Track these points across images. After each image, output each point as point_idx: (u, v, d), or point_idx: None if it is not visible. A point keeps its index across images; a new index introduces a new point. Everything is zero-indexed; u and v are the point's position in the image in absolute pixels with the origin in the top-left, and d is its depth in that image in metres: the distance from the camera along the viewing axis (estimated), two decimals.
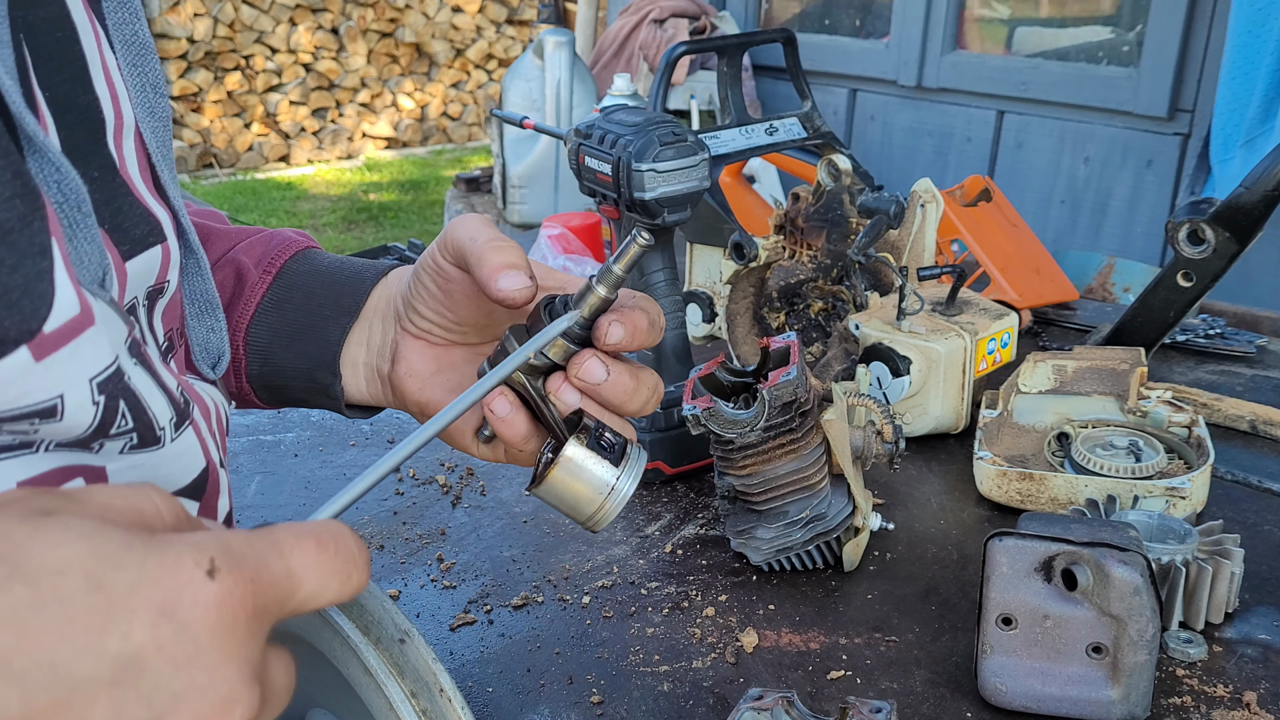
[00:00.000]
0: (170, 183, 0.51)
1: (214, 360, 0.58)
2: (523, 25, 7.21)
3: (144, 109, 0.49)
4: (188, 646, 0.33)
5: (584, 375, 0.55)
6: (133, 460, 0.46)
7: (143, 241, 0.47)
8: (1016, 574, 0.71)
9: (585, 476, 0.55)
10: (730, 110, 1.35)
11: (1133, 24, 2.62)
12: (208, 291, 0.56)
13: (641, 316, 0.55)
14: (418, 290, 0.62)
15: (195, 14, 6.00)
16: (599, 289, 0.54)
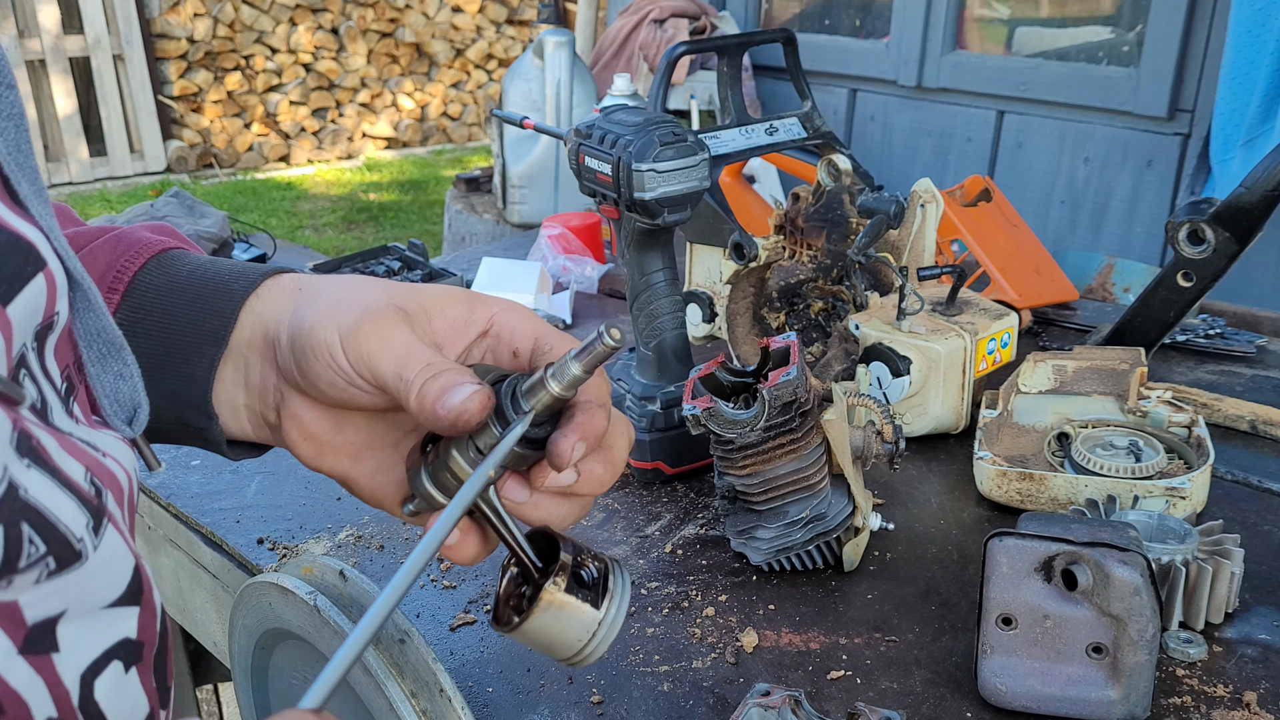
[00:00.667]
0: (33, 196, 0.40)
1: (129, 414, 0.47)
2: (523, 25, 7.21)
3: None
4: None
5: (553, 482, 0.49)
6: (52, 587, 0.36)
7: (19, 275, 0.37)
8: (1016, 574, 0.71)
9: (567, 620, 0.49)
10: (730, 110, 1.35)
11: (1133, 24, 2.62)
12: (106, 330, 0.45)
13: (599, 419, 0.48)
14: (310, 368, 0.51)
15: (195, 14, 6.00)
16: (552, 386, 0.47)
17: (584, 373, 0.47)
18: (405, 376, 0.48)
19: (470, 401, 0.46)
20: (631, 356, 1.08)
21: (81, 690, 0.38)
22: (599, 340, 0.46)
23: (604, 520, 0.98)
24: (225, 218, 2.10)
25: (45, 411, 0.39)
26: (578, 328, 1.48)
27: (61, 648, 0.37)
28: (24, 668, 0.35)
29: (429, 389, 0.47)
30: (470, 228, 2.87)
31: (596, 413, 0.48)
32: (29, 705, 0.35)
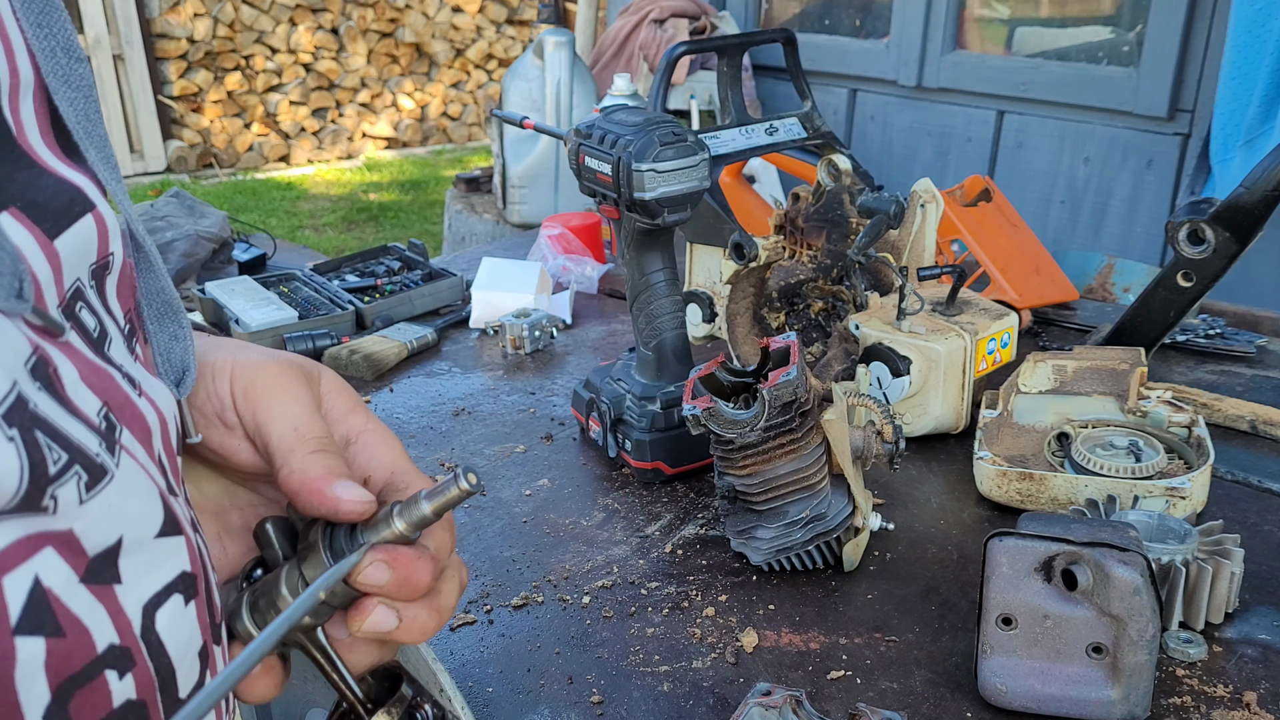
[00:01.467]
0: (100, 161, 0.42)
1: (179, 375, 0.47)
2: (523, 25, 7.21)
3: (57, 77, 0.41)
4: None
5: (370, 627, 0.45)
6: (98, 509, 0.36)
7: (68, 213, 0.39)
8: (1016, 574, 0.71)
9: None
10: (730, 110, 1.35)
11: (1133, 24, 2.62)
12: (165, 290, 0.46)
13: (425, 567, 0.45)
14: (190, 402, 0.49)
15: (195, 14, 6.00)
16: (397, 524, 0.44)
17: (433, 515, 0.44)
18: (301, 439, 0.46)
19: (363, 505, 0.44)
20: (631, 356, 1.08)
21: (144, 620, 0.39)
22: (454, 483, 0.43)
23: (604, 520, 0.98)
24: (225, 218, 2.10)
25: (103, 343, 0.40)
26: (578, 328, 1.48)
27: (124, 579, 0.38)
28: (86, 595, 0.36)
29: (318, 463, 0.45)
30: (470, 228, 2.87)
31: (425, 561, 0.45)
32: (90, 631, 0.36)
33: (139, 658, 0.38)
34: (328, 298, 1.49)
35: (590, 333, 1.46)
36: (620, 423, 1.04)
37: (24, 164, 0.38)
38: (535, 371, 1.32)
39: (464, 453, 1.11)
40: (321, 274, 1.58)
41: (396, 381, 1.29)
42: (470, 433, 1.15)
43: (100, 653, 0.36)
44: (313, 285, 1.54)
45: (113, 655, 0.37)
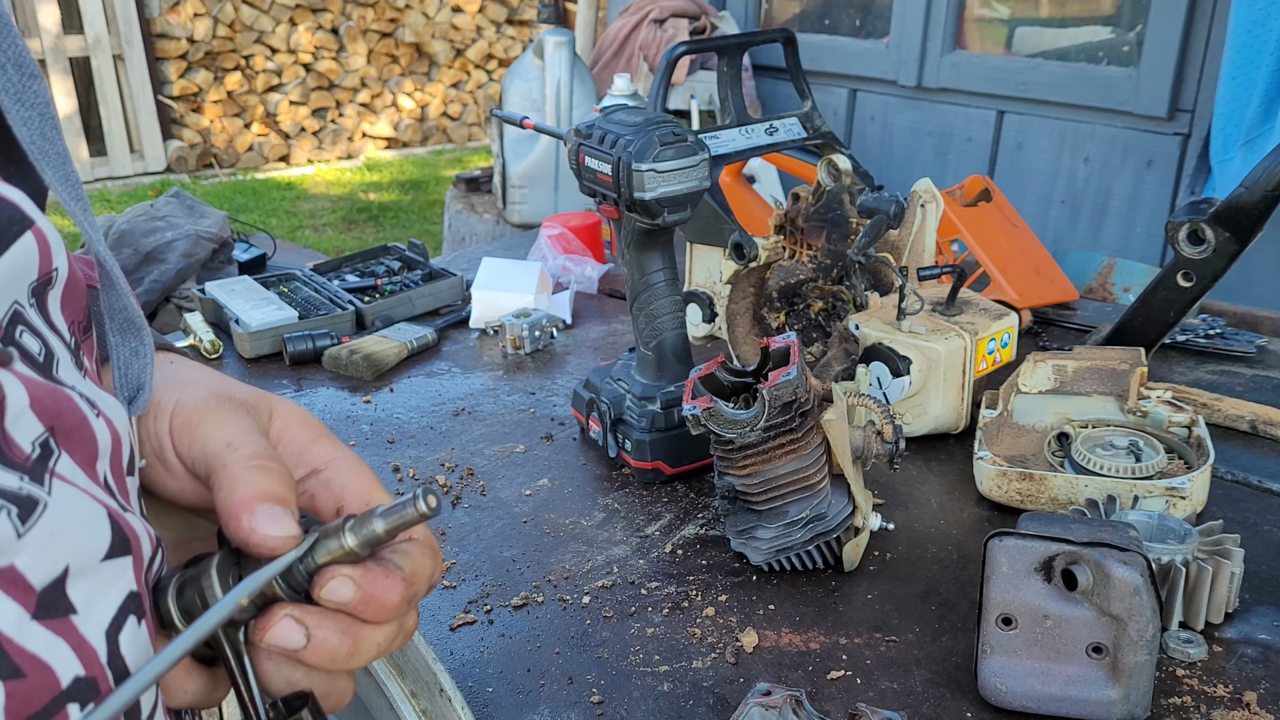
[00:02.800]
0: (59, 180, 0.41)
1: (133, 392, 0.46)
2: (523, 25, 7.21)
3: (10, 95, 0.39)
4: None
5: (272, 640, 0.42)
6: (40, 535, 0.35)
7: (5, 234, 0.37)
8: (1016, 574, 0.71)
9: None
10: (730, 110, 1.35)
11: (1133, 24, 2.62)
12: (128, 308, 0.45)
13: (394, 587, 0.42)
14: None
15: (195, 14, 6.00)
16: (347, 539, 0.41)
17: (386, 534, 0.41)
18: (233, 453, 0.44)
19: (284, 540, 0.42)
20: (631, 356, 1.08)
21: (109, 647, 0.38)
22: (412, 503, 0.41)
23: (604, 520, 0.98)
24: (225, 218, 2.10)
25: (51, 365, 0.39)
26: (577, 328, 1.48)
27: (79, 608, 0.36)
28: (41, 632, 0.35)
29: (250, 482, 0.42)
30: (470, 228, 2.87)
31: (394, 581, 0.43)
32: (53, 667, 0.35)
33: (104, 686, 0.37)
34: (328, 298, 1.49)
35: (590, 333, 1.46)
36: (620, 423, 1.04)
37: None
38: (535, 371, 1.32)
39: (464, 453, 1.11)
40: (321, 274, 1.58)
41: (396, 381, 1.29)
42: (470, 433, 1.15)
43: (65, 687, 0.35)
44: (313, 285, 1.54)
45: (78, 688, 0.35)
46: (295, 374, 1.30)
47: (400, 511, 0.41)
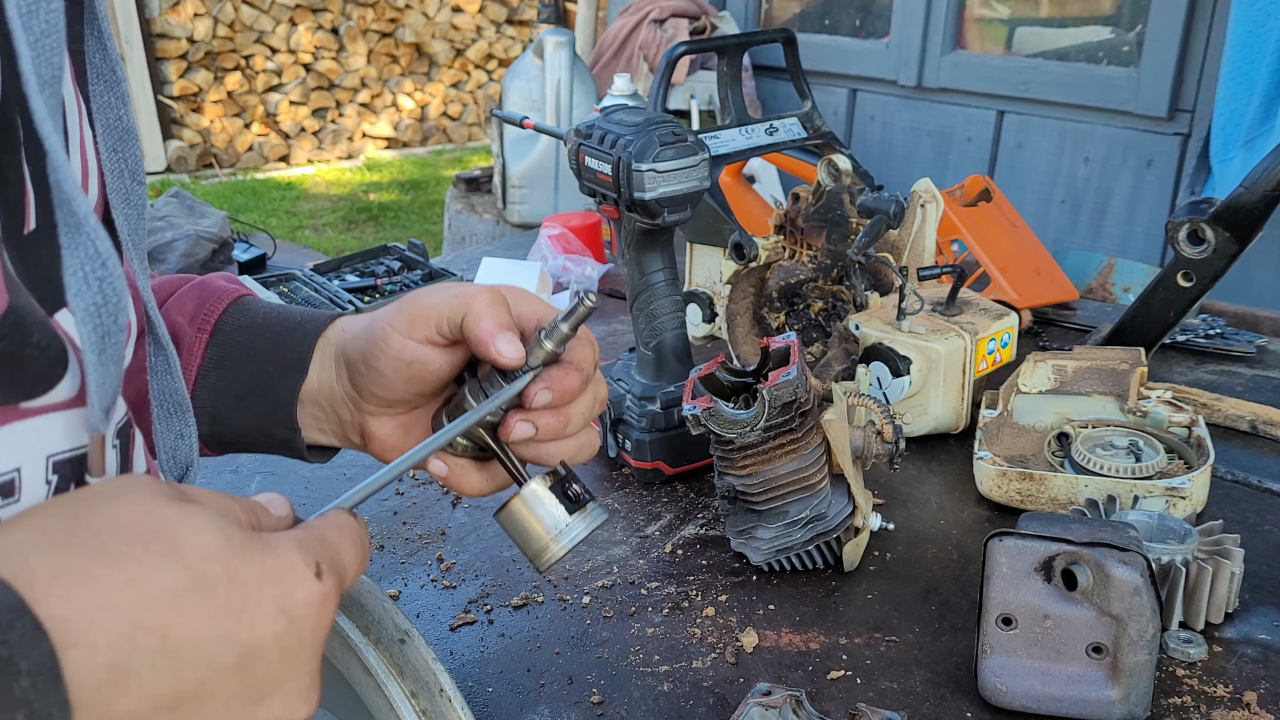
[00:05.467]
0: (140, 272, 0.49)
1: (182, 470, 0.56)
2: (523, 25, 7.21)
3: (119, 195, 0.48)
4: (295, 639, 0.37)
5: (515, 435, 0.58)
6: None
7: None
8: (1016, 574, 0.71)
9: (540, 513, 0.58)
10: (730, 110, 1.35)
11: (1133, 24, 2.62)
12: (177, 392, 0.54)
13: (573, 377, 0.58)
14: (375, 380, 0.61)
15: (195, 14, 6.00)
16: (546, 344, 0.58)
17: (570, 330, 0.57)
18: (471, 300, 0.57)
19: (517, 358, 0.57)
20: (631, 356, 1.08)
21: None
22: (581, 303, 0.57)
23: (604, 520, 0.98)
24: (225, 218, 2.10)
25: None
26: None
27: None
28: None
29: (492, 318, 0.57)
30: (470, 228, 2.87)
31: (571, 372, 0.58)
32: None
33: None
34: (328, 298, 1.49)
35: (590, 333, 1.46)
36: (620, 423, 1.04)
37: None
38: None
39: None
40: (322, 274, 1.58)
41: None
42: None
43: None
44: (313, 285, 1.54)
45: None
46: None
47: (573, 312, 0.57)
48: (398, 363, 0.60)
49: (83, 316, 0.40)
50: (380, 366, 0.60)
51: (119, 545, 0.34)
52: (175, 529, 0.35)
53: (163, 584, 0.34)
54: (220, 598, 0.35)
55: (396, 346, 0.59)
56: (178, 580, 0.34)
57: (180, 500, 0.37)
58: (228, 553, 0.36)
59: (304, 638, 0.38)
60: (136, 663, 0.33)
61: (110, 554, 0.34)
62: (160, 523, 0.35)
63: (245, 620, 0.36)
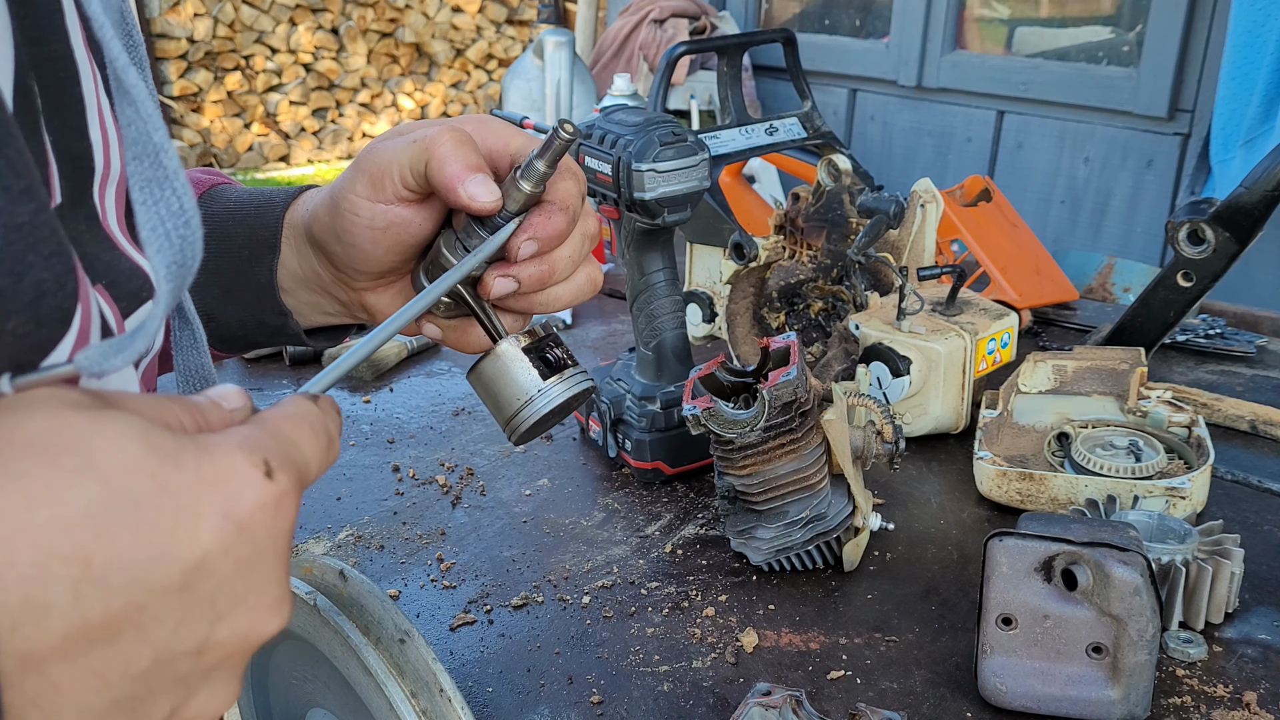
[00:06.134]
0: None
1: None
2: (523, 25, 7.21)
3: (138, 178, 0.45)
4: (249, 549, 0.33)
5: (497, 291, 0.55)
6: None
7: (136, 297, 0.43)
8: (1016, 574, 0.71)
9: (512, 373, 0.55)
10: (730, 110, 1.35)
11: (1133, 24, 2.62)
12: (204, 367, 0.51)
13: (559, 219, 0.54)
14: (354, 256, 0.58)
15: (195, 14, 6.00)
16: (524, 185, 0.53)
17: (547, 168, 0.52)
18: (430, 144, 0.53)
19: (492, 202, 0.53)
20: (631, 356, 1.08)
21: None
22: (556, 135, 0.51)
23: (604, 520, 0.98)
24: None
25: None
26: (578, 328, 1.48)
27: None
28: None
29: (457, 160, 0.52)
30: None
31: (555, 214, 0.54)
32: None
33: None
34: None
35: (590, 333, 1.46)
36: (620, 423, 1.04)
37: (107, 246, 0.42)
38: None
39: (464, 453, 1.11)
40: None
41: (396, 381, 1.29)
42: (470, 433, 1.15)
43: None
44: None
45: None
46: (296, 374, 1.30)
47: (550, 147, 0.52)
48: (372, 231, 0.56)
49: (165, 274, 0.37)
50: (355, 241, 0.57)
51: (19, 464, 0.30)
52: (87, 440, 0.31)
53: (75, 504, 0.30)
54: (148, 512, 0.31)
55: (366, 214, 0.56)
56: (93, 498, 0.30)
57: (95, 407, 0.32)
58: (152, 461, 0.32)
59: (260, 545, 0.34)
60: (55, 595, 0.30)
61: (11, 476, 0.30)
62: (69, 434, 0.31)
63: (183, 534, 0.32)
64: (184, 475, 0.32)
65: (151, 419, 0.34)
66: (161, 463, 0.32)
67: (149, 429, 0.32)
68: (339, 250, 0.58)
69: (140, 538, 0.31)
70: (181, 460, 0.32)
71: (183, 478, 0.32)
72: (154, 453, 0.32)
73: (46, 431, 0.31)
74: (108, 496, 0.31)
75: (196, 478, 0.32)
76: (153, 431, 0.32)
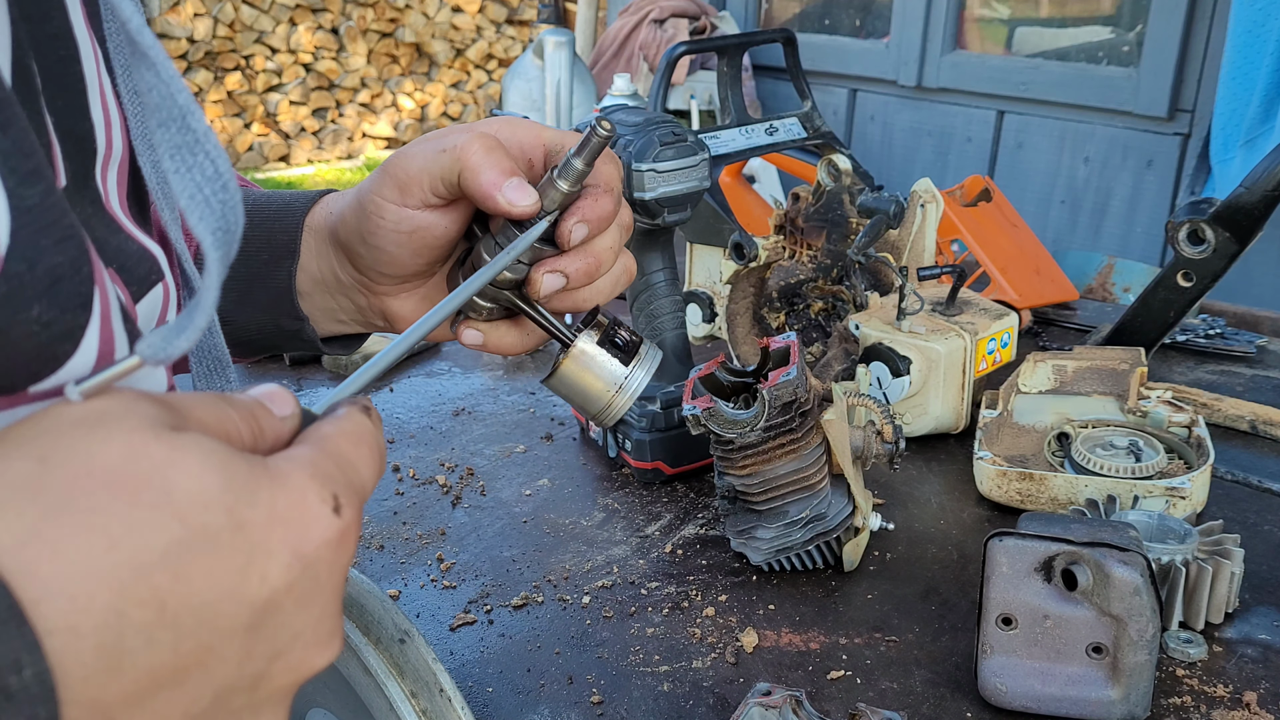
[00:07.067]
0: (171, 224, 0.46)
1: None
2: (523, 25, 7.21)
3: (145, 143, 0.44)
4: (311, 584, 0.33)
5: (545, 289, 0.55)
6: None
7: (145, 280, 0.42)
8: (1016, 574, 0.71)
9: (596, 370, 0.56)
10: (730, 110, 1.35)
11: (1133, 24, 2.62)
12: (217, 348, 0.50)
13: (605, 202, 0.55)
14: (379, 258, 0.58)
15: (195, 14, 6.00)
16: (561, 184, 0.53)
17: (585, 165, 0.53)
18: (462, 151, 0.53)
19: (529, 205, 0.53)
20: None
21: None
22: (593, 133, 0.52)
23: (604, 520, 0.98)
24: None
25: None
26: None
27: None
28: None
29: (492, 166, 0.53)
30: None
31: (601, 196, 0.54)
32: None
33: None
34: None
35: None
36: (620, 423, 1.04)
37: (114, 229, 0.41)
38: (535, 371, 1.32)
39: (464, 453, 1.11)
40: None
41: (396, 381, 1.29)
42: (470, 433, 1.15)
43: None
44: None
45: None
46: (296, 374, 1.30)
47: (588, 145, 0.52)
48: (398, 235, 0.56)
49: (212, 241, 0.36)
50: (380, 244, 0.57)
51: (98, 500, 0.29)
52: (165, 473, 0.30)
53: (154, 545, 0.29)
54: (224, 552, 0.30)
55: (393, 218, 0.56)
56: (172, 538, 0.29)
57: (170, 430, 0.31)
58: (229, 497, 0.31)
59: (320, 581, 0.33)
60: (130, 641, 0.28)
61: (88, 512, 0.28)
62: (147, 465, 0.30)
63: (254, 573, 0.31)
64: (258, 512, 0.31)
65: (223, 437, 0.33)
66: (238, 498, 0.31)
67: (225, 456, 0.31)
68: (364, 252, 0.58)
69: (214, 578, 0.30)
70: (256, 495, 0.32)
71: (257, 515, 0.31)
72: (231, 487, 0.31)
73: (125, 461, 0.30)
74: (186, 536, 0.30)
75: (269, 514, 0.32)
76: (229, 459, 0.31)
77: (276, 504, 0.32)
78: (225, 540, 0.30)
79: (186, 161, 0.36)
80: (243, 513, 0.31)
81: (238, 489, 0.31)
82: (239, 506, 0.31)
